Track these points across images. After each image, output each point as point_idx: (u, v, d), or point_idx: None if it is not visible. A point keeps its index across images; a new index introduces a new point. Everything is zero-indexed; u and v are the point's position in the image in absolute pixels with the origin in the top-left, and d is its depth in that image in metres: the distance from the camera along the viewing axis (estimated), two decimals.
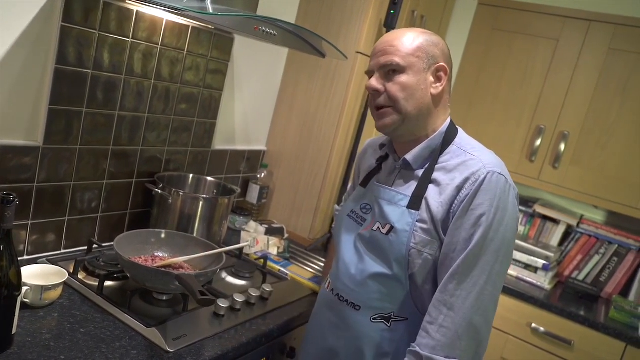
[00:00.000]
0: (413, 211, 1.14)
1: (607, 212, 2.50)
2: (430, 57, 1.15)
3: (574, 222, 2.48)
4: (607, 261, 2.38)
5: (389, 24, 2.01)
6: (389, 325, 1.18)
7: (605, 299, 2.35)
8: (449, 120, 1.22)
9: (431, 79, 1.16)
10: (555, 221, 2.52)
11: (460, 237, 1.08)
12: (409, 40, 1.15)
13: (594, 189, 2.30)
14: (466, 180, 1.10)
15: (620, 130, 2.26)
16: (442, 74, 1.17)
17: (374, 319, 1.19)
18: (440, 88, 1.17)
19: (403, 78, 1.14)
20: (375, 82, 1.17)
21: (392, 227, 1.16)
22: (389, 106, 1.16)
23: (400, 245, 1.14)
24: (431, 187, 1.15)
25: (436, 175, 1.15)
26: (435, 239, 1.12)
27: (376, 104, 1.19)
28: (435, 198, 1.13)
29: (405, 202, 1.16)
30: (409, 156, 1.20)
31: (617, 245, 2.37)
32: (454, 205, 1.10)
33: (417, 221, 1.13)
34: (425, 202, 1.14)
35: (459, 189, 1.10)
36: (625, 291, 2.34)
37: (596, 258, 2.40)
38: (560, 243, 2.51)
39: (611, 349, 2.01)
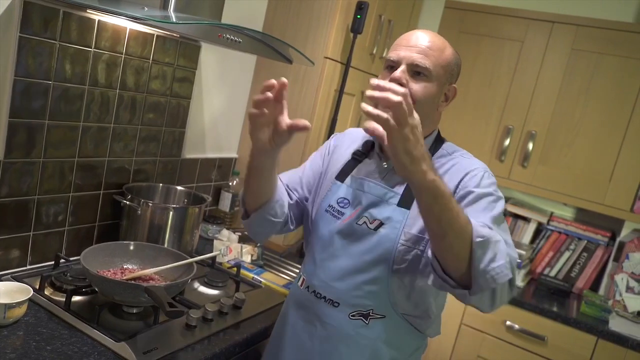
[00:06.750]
0: (404, 209, 1.15)
1: (576, 208, 2.55)
2: (451, 74, 1.17)
3: (544, 220, 2.52)
4: (577, 257, 2.42)
5: (356, 28, 2.03)
6: (367, 322, 1.18)
7: (577, 294, 2.39)
8: (437, 128, 1.25)
9: (443, 96, 1.18)
10: (526, 219, 2.57)
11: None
12: (446, 50, 1.15)
13: (562, 186, 2.35)
14: (465, 174, 1.14)
15: (585, 129, 2.31)
16: (451, 94, 1.19)
17: (353, 315, 1.19)
18: (445, 107, 1.19)
19: (429, 85, 1.13)
20: (404, 75, 1.12)
21: (381, 223, 1.16)
22: None
23: (389, 242, 1.15)
24: None
25: None
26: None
27: None
28: None
29: (396, 199, 1.17)
30: None
31: (586, 241, 2.42)
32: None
33: (408, 218, 1.15)
34: None
35: (460, 180, 1.14)
36: (595, 286, 2.38)
37: (567, 254, 2.44)
38: (532, 241, 2.55)
39: (583, 343, 2.05)
